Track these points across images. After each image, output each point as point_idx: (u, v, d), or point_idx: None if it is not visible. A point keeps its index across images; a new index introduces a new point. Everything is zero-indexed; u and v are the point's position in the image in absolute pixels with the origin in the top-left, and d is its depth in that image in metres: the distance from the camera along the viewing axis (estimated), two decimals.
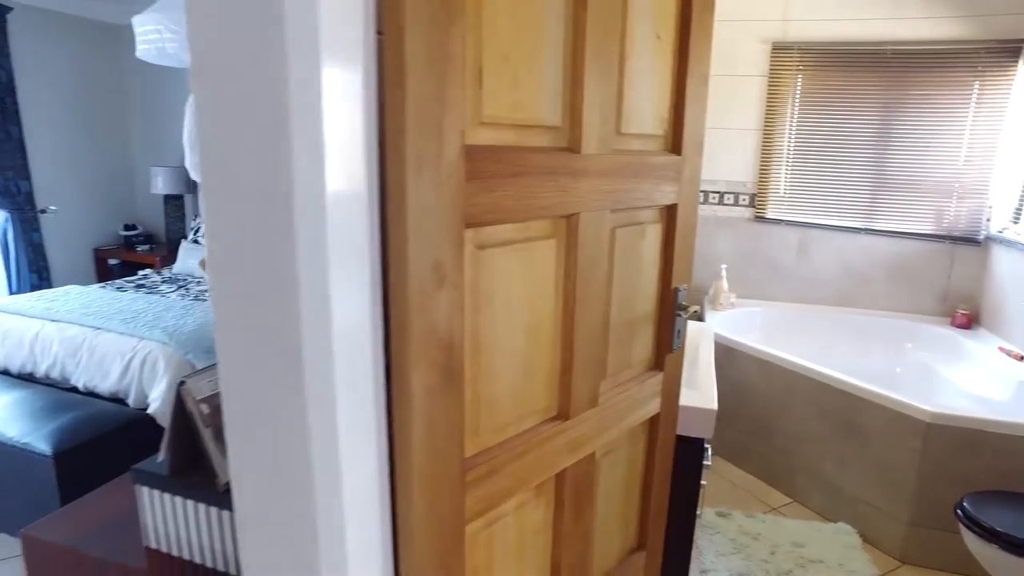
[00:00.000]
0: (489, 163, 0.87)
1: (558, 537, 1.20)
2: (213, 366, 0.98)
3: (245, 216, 0.70)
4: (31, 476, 2.34)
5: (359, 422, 0.79)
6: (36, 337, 2.94)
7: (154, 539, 1.05)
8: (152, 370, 2.67)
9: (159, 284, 3.80)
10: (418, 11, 0.74)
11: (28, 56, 4.24)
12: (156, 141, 4.98)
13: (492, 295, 0.94)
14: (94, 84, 4.79)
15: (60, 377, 2.88)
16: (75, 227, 4.72)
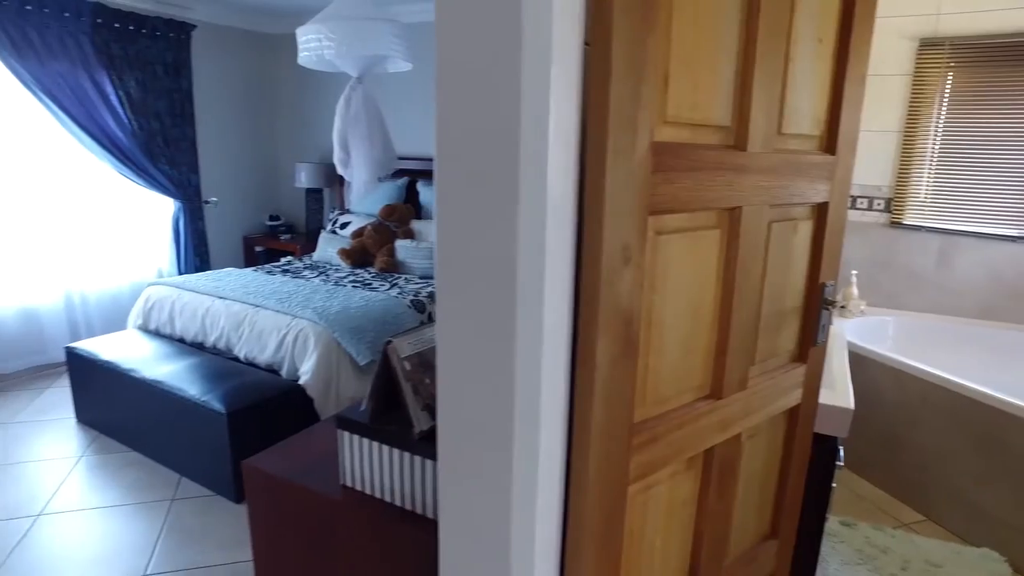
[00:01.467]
0: (670, 158, 0.97)
1: (702, 511, 1.27)
2: (414, 329, 1.14)
3: (475, 195, 0.84)
4: (207, 430, 2.67)
5: (554, 383, 0.91)
6: (207, 312, 3.32)
7: (349, 478, 1.22)
8: (304, 345, 2.95)
9: (302, 270, 4.15)
10: (622, 24, 0.85)
11: (203, 66, 4.75)
12: (300, 140, 5.42)
13: (665, 277, 1.03)
14: (251, 89, 5.29)
15: (225, 348, 3.24)
16: (229, 217, 5.23)
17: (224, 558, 2.39)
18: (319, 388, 2.87)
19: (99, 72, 4.14)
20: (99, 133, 4.17)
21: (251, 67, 5.27)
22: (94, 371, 3.22)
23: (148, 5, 4.34)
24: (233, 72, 5.13)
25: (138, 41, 4.30)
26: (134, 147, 4.35)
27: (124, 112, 4.28)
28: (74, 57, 4.02)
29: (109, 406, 3.23)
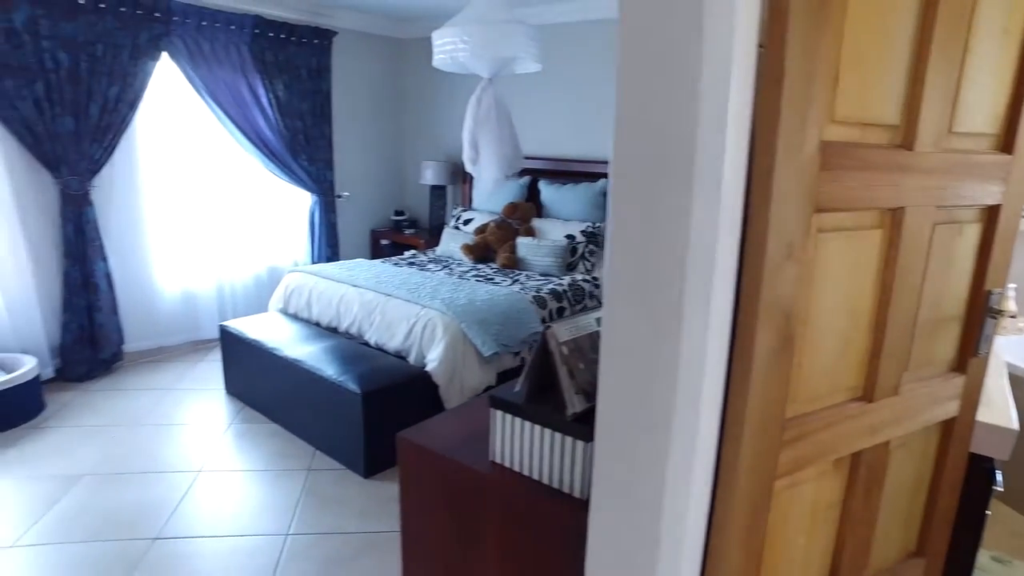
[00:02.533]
0: (838, 157, 0.97)
1: (846, 516, 1.25)
2: (569, 317, 1.20)
3: (650, 188, 0.89)
4: (342, 408, 2.88)
5: (714, 373, 0.94)
6: (341, 299, 3.56)
7: (499, 454, 1.30)
8: (432, 334, 3.11)
9: (427, 263, 4.35)
10: (798, 26, 0.87)
11: (341, 69, 5.08)
12: (427, 139, 5.67)
13: (824, 275, 1.04)
14: (382, 91, 5.60)
15: (357, 333, 3.47)
16: (359, 210, 5.56)
17: (356, 527, 2.57)
18: (445, 376, 3.01)
19: (254, 77, 4.53)
20: (251, 132, 4.56)
21: (383, 70, 5.57)
22: (242, 348, 3.54)
23: (297, 15, 4.70)
24: (367, 75, 5.44)
25: (287, 48, 4.66)
26: (280, 144, 4.72)
27: (272, 113, 4.65)
28: (235, 64, 4.42)
29: (254, 380, 3.54)
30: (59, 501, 2.69)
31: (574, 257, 4.18)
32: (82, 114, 3.75)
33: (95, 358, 3.97)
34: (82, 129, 3.76)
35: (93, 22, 3.71)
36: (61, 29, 3.60)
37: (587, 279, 4.03)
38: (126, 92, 3.91)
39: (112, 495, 2.74)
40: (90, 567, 2.30)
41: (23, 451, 3.09)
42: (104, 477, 2.88)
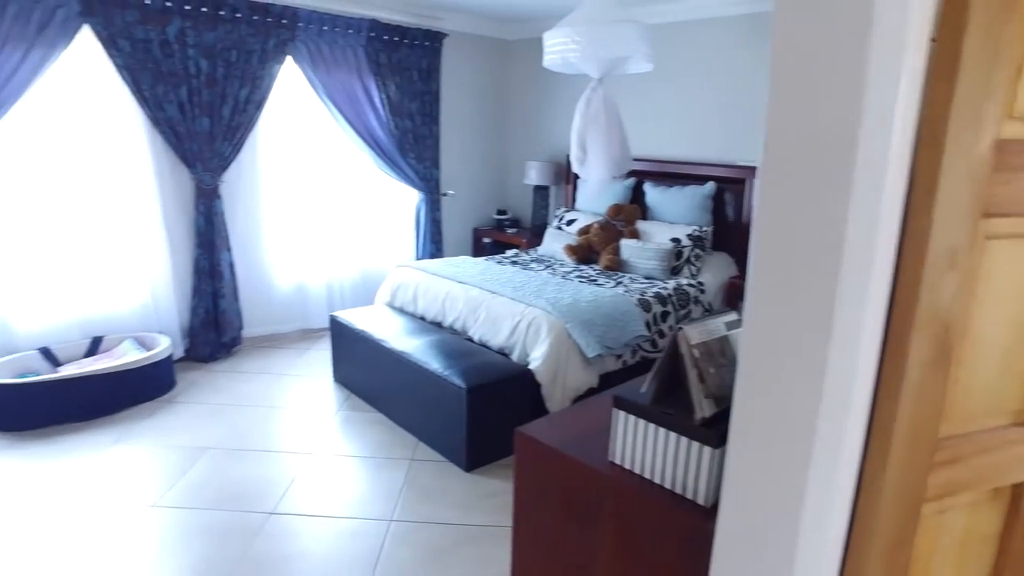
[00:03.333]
0: (1014, 156, 0.89)
1: (1005, 553, 1.15)
2: (700, 319, 1.17)
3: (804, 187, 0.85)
4: (446, 401, 2.95)
5: (862, 383, 0.89)
6: (447, 295, 3.65)
7: (619, 455, 1.29)
8: (536, 333, 3.13)
9: (529, 262, 4.37)
10: (978, 17, 0.80)
11: (450, 71, 5.21)
12: (531, 139, 5.71)
13: (989, 286, 0.96)
14: (488, 92, 5.70)
15: (461, 329, 3.54)
16: (462, 209, 5.68)
17: (456, 518, 2.62)
18: (547, 375, 3.02)
19: (368, 78, 4.72)
20: (364, 130, 4.75)
21: (490, 71, 5.66)
22: (350, 338, 3.70)
23: (409, 18, 4.85)
24: (474, 76, 5.55)
25: (400, 50, 4.83)
26: (390, 143, 4.89)
27: (384, 112, 4.83)
28: (351, 66, 4.62)
29: (360, 370, 3.69)
30: (188, 471, 2.91)
31: (679, 261, 4.08)
32: (216, 115, 4.04)
33: (218, 341, 4.27)
34: (216, 128, 4.05)
35: (230, 30, 3.99)
36: (204, 38, 3.90)
37: (692, 283, 3.93)
38: (254, 94, 4.18)
39: (233, 469, 2.94)
40: (216, 532, 2.48)
41: (159, 422, 3.36)
42: (226, 452, 3.08)
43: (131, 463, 2.99)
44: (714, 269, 4.12)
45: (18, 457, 3.03)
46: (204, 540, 2.44)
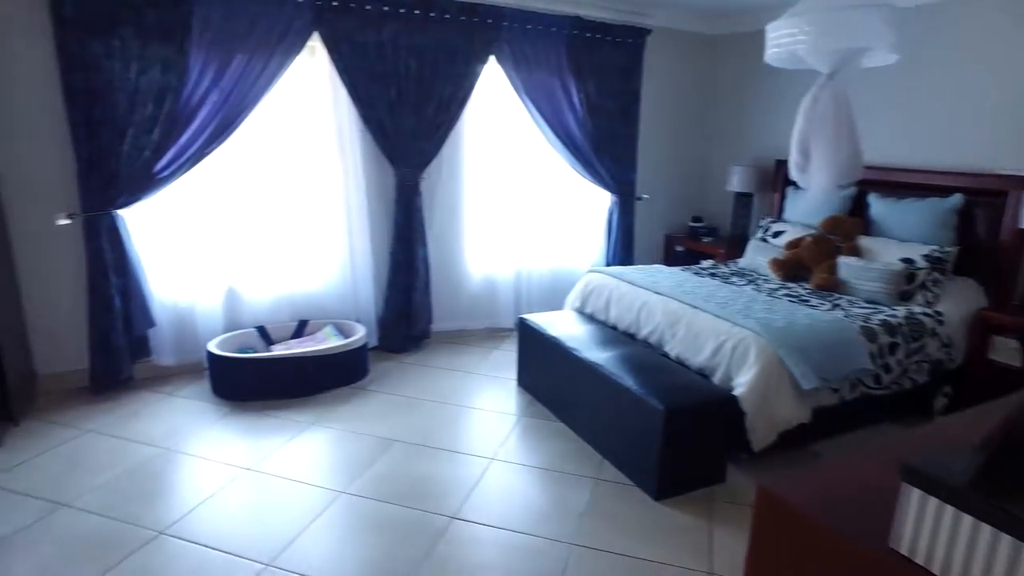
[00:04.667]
0: None
1: None
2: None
3: None
4: (639, 421, 2.73)
5: None
6: (643, 305, 3.42)
7: (907, 544, 1.00)
8: (743, 356, 2.80)
9: (729, 275, 4.01)
10: None
11: (651, 69, 4.95)
12: (735, 142, 5.29)
13: None
14: (690, 91, 5.37)
15: (656, 343, 3.30)
16: (655, 214, 5.40)
17: (644, 552, 2.39)
18: (754, 404, 2.69)
19: (567, 77, 4.61)
20: (561, 130, 4.66)
21: (693, 69, 5.33)
22: (538, 342, 3.60)
23: (613, 15, 4.66)
24: (676, 74, 5.25)
25: (602, 48, 4.66)
26: (586, 143, 4.75)
27: (582, 111, 4.70)
28: (551, 65, 4.54)
29: (546, 376, 3.58)
30: (376, 461, 2.98)
31: (911, 285, 3.50)
32: (421, 113, 4.15)
33: (408, 333, 4.40)
34: (420, 127, 4.17)
35: (438, 32, 4.08)
36: (414, 40, 4.02)
37: (927, 313, 3.34)
38: (457, 93, 4.25)
39: (419, 465, 2.95)
40: (399, 528, 2.48)
41: (352, 409, 3.51)
42: (413, 447, 3.12)
43: (325, 445, 3.13)
44: (956, 297, 3.48)
45: (233, 423, 3.31)
46: (388, 534, 2.45)
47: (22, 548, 2.33)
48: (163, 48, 3.38)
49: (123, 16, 3.28)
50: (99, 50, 3.27)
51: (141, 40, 3.34)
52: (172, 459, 2.98)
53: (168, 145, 3.51)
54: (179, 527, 2.46)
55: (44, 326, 3.57)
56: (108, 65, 3.30)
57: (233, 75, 3.60)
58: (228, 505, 2.62)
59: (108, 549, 2.33)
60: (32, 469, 2.85)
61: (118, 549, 2.33)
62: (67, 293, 3.55)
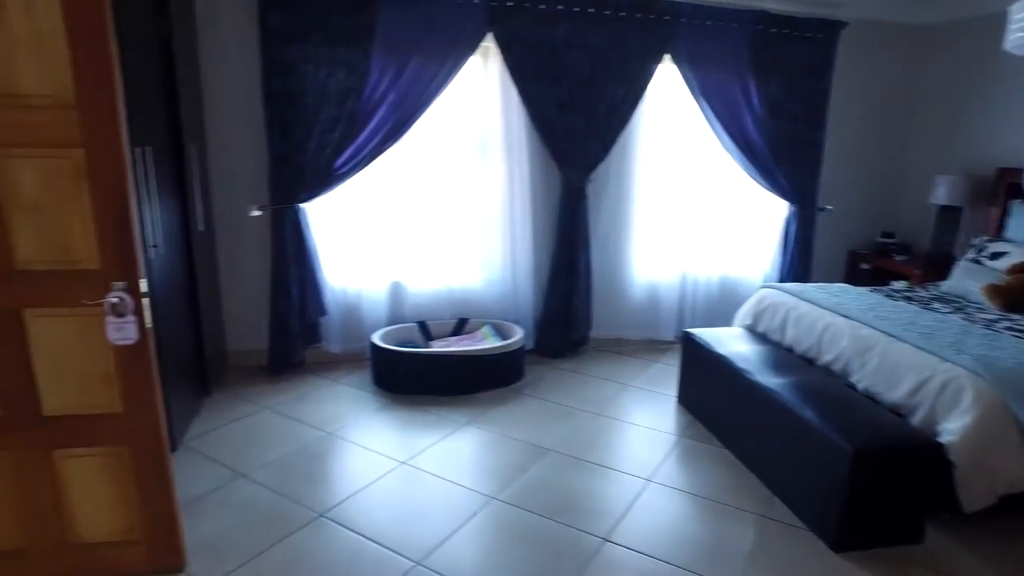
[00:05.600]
0: None
1: None
2: None
3: None
4: (821, 460, 2.42)
5: None
6: (826, 328, 3.06)
7: None
8: (954, 398, 2.39)
9: (929, 300, 3.50)
10: None
11: (844, 66, 4.47)
12: (942, 148, 4.65)
13: None
14: (889, 90, 4.79)
15: (841, 371, 2.93)
16: (837, 227, 4.88)
17: None
18: (968, 456, 2.28)
19: (747, 76, 4.29)
20: (737, 133, 4.34)
21: (896, 64, 4.76)
22: (703, 359, 3.35)
23: (802, 7, 4.25)
24: (875, 71, 4.71)
25: (788, 44, 4.28)
26: (764, 148, 4.39)
27: (762, 114, 4.35)
28: (730, 63, 4.24)
29: (710, 396, 3.33)
30: (529, 469, 2.91)
31: None
32: (591, 114, 4.04)
33: (566, 338, 4.31)
34: (589, 128, 4.06)
35: (612, 30, 3.95)
36: (587, 38, 3.93)
37: None
38: (629, 93, 4.09)
39: (572, 478, 2.84)
40: (549, 545, 2.38)
41: (507, 411, 3.48)
42: (566, 458, 3.01)
43: (478, 447, 3.12)
44: None
45: (391, 415, 3.42)
46: (537, 549, 2.36)
47: (208, 509, 2.53)
48: (349, 52, 3.57)
49: (317, 23, 3.50)
50: (295, 55, 3.51)
51: (331, 45, 3.54)
52: (334, 444, 3.11)
53: (347, 143, 3.70)
54: (337, 512, 2.54)
55: (234, 308, 3.91)
56: (302, 69, 3.54)
57: (409, 77, 3.71)
58: (383, 496, 2.68)
59: (276, 523, 2.46)
60: (219, 438, 3.11)
61: (284, 524, 2.45)
62: (253, 279, 3.86)
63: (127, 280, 1.88)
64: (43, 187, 1.80)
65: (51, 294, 1.88)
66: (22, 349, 1.91)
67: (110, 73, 1.75)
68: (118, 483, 2.06)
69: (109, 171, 1.81)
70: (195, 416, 3.30)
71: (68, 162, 1.79)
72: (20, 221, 1.81)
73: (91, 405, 1.98)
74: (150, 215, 2.69)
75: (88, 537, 2.10)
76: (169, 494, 2.10)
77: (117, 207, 1.84)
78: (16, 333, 1.89)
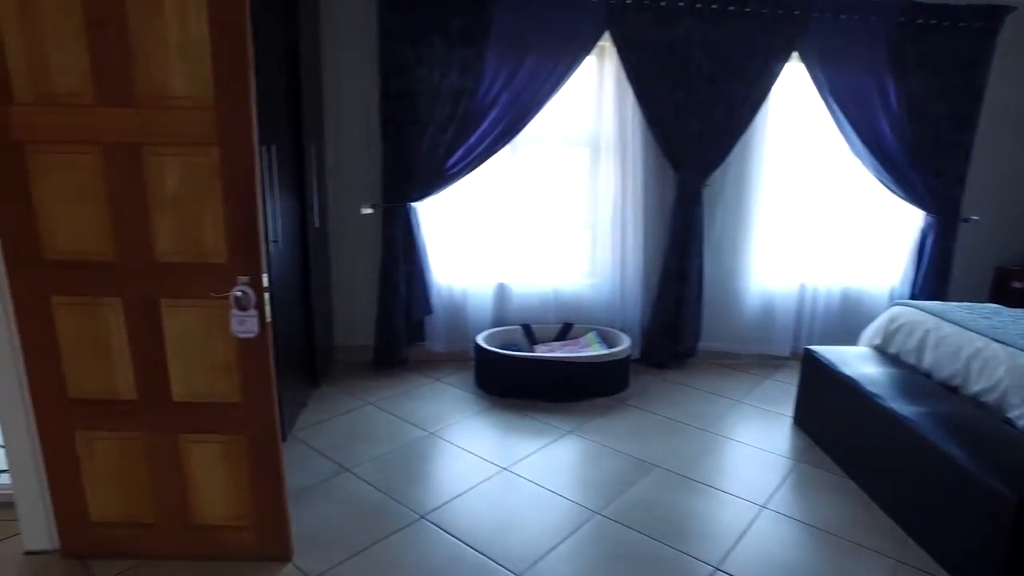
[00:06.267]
0: None
1: None
2: None
3: None
4: (971, 506, 2.15)
5: None
6: (975, 354, 2.74)
7: None
8: None
9: None
10: None
11: (1002, 58, 4.01)
12: None
13: None
14: None
15: (995, 404, 2.61)
16: (982, 240, 4.41)
17: None
18: None
19: (885, 74, 3.95)
20: (869, 135, 4.01)
21: None
22: (827, 380, 3.10)
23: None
24: None
25: (936, 36, 3.89)
26: (900, 152, 4.03)
27: (900, 115, 3.98)
28: (866, 61, 3.92)
29: (833, 420, 3.07)
30: (634, 485, 2.78)
31: None
32: (708, 116, 3.85)
33: (672, 349, 4.14)
34: (706, 130, 3.87)
35: (736, 27, 3.74)
36: (709, 37, 3.74)
37: None
38: (751, 94, 3.86)
39: (679, 498, 2.69)
40: (656, 568, 2.25)
41: (610, 423, 3.37)
42: (674, 476, 2.86)
43: (581, 457, 3.02)
44: None
45: (493, 419, 3.39)
46: (641, 572, 2.23)
47: (315, 500, 2.59)
48: (464, 52, 3.57)
49: (434, 25, 3.52)
50: (412, 57, 3.55)
51: (447, 46, 3.56)
52: (436, 444, 3.11)
53: (460, 144, 3.70)
54: (438, 515, 2.52)
55: (343, 303, 4.02)
56: (418, 70, 3.57)
57: (523, 77, 3.67)
58: (483, 502, 2.63)
59: (379, 520, 2.47)
60: (326, 430, 3.19)
61: (387, 523, 2.46)
62: (362, 275, 3.95)
63: (251, 274, 1.93)
64: (181, 183, 1.88)
65: (182, 285, 1.96)
66: (158, 337, 2.00)
67: (246, 77, 1.80)
68: (234, 470, 2.13)
69: (240, 169, 1.86)
70: (303, 407, 3.41)
71: (204, 159, 1.86)
72: (161, 215, 1.90)
73: (213, 394, 2.06)
74: (272, 210, 2.79)
75: (206, 519, 2.18)
76: (280, 484, 2.15)
77: (246, 204, 1.89)
78: (154, 322, 1.99)
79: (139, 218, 1.90)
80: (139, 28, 1.77)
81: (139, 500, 2.17)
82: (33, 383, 2.06)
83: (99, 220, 1.91)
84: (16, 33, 1.77)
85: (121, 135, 1.84)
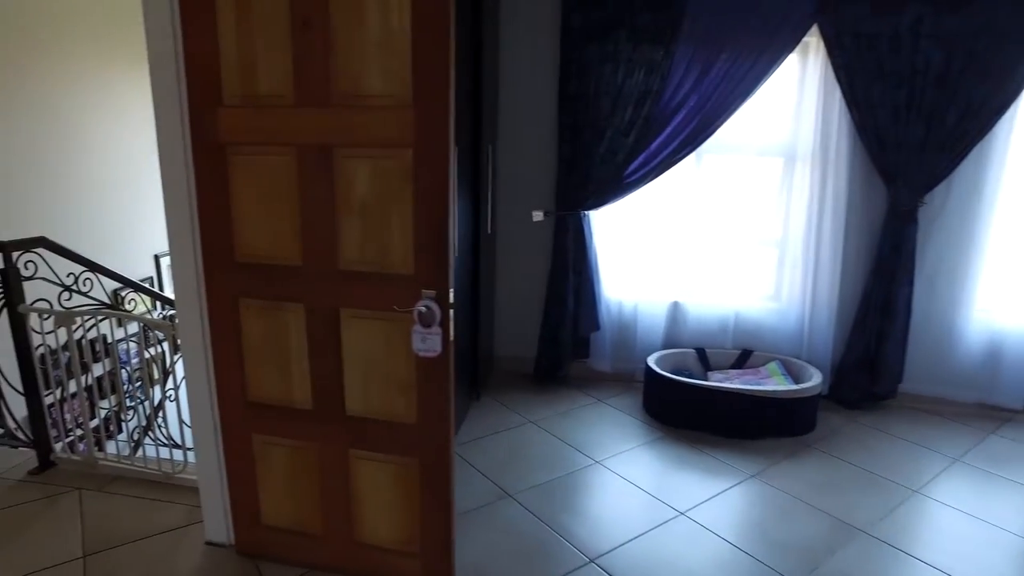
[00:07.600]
0: None
1: None
2: None
3: None
4: None
5: None
6: None
7: None
8: None
9: None
10: None
11: None
12: None
13: None
14: None
15: None
16: None
17: None
18: None
19: None
20: None
21: None
22: None
23: None
24: None
25: None
26: None
27: None
28: None
29: None
30: (835, 553, 2.36)
31: None
32: (936, 120, 3.28)
33: (868, 388, 3.60)
34: (931, 137, 3.30)
35: (979, 12, 3.14)
36: (943, 25, 3.17)
37: None
38: (994, 97, 3.23)
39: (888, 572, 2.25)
40: None
41: (798, 468, 2.95)
42: (884, 548, 2.40)
43: (769, 510, 2.63)
44: None
45: (664, 451, 3.08)
46: None
47: (476, 527, 2.44)
48: (651, 50, 3.30)
49: (619, 21, 3.29)
50: (593, 56, 3.34)
51: (632, 44, 3.31)
52: (603, 476, 2.86)
53: (640, 149, 3.44)
54: (609, 561, 2.27)
55: (506, 313, 3.88)
56: (599, 70, 3.35)
57: (715, 77, 3.33)
58: (660, 551, 2.35)
59: (544, 559, 2.27)
60: (486, 448, 3.05)
61: (553, 563, 2.25)
62: (529, 285, 3.78)
63: (438, 288, 1.79)
64: (371, 188, 1.78)
65: (365, 296, 1.86)
66: (337, 348, 1.92)
67: (446, 74, 1.66)
68: (403, 493, 2.01)
69: (434, 173, 1.72)
70: (464, 419, 3.30)
71: (396, 163, 1.74)
72: (349, 221, 1.81)
73: (387, 412, 1.95)
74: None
75: (372, 539, 2.09)
76: (449, 514, 2.00)
77: (437, 212, 1.75)
78: (334, 332, 1.91)
79: (326, 223, 1.83)
80: (341, 24, 1.68)
81: (308, 510, 2.12)
82: (219, 380, 2.07)
83: (289, 224, 1.86)
84: (230, 34, 1.75)
85: (315, 136, 1.77)
